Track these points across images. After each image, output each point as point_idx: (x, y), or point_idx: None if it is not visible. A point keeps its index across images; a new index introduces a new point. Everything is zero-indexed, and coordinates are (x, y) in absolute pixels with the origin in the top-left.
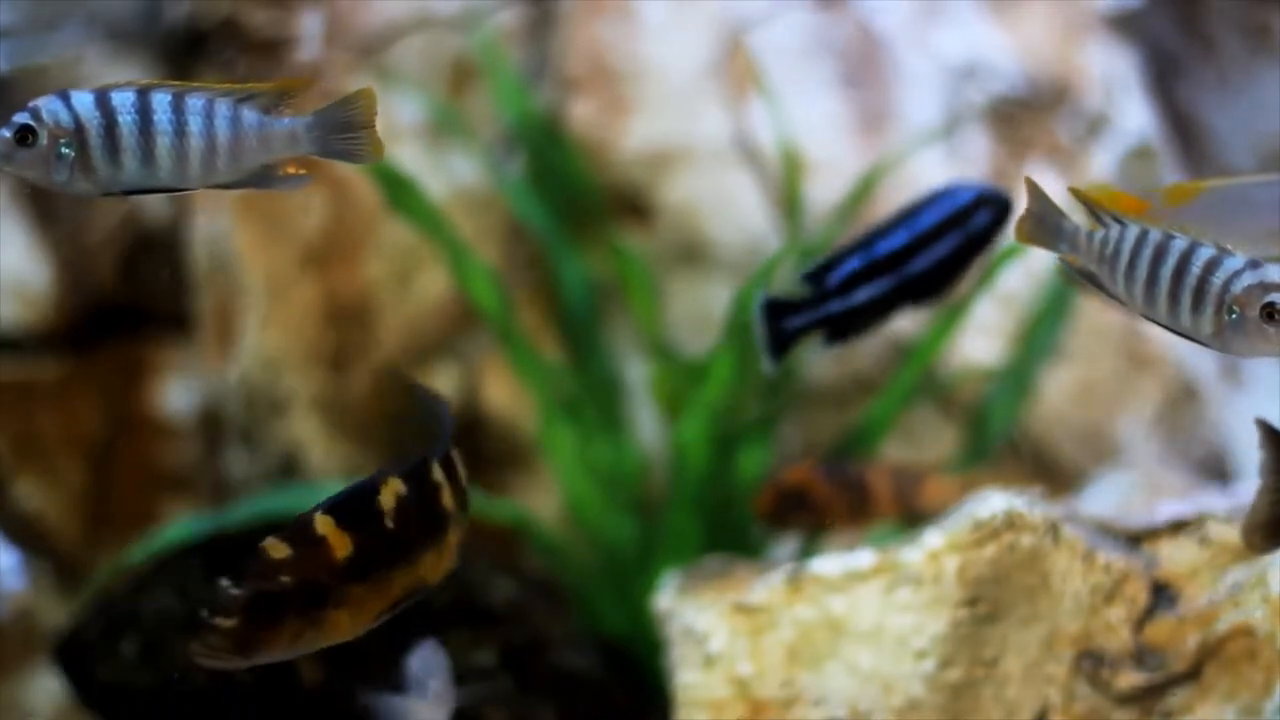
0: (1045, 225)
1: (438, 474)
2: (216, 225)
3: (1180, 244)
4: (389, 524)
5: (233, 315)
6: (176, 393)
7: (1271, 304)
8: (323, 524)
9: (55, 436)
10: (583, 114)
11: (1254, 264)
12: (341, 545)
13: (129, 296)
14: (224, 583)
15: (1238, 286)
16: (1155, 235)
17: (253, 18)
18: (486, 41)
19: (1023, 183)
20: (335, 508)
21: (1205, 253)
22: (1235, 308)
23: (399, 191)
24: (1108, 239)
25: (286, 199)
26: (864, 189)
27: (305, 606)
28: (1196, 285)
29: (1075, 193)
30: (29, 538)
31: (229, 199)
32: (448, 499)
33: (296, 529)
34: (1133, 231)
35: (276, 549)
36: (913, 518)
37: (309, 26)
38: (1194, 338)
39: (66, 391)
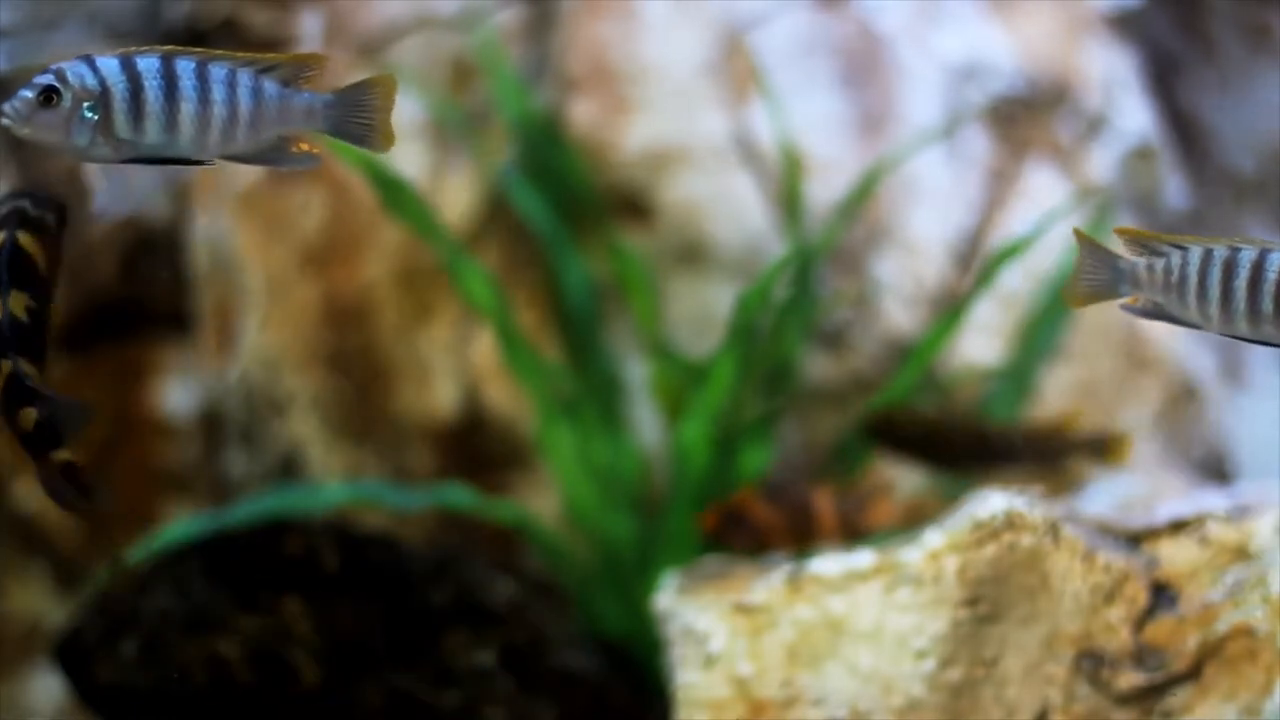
0: (1101, 276)
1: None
2: (216, 225)
3: (1249, 254)
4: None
5: (233, 315)
6: (176, 393)
7: None
8: None
9: None
10: (583, 114)
11: None
12: None
13: (129, 296)
14: None
15: None
16: (1220, 251)
17: (253, 18)
18: (486, 41)
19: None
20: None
21: (1277, 257)
22: None
23: (393, 193)
24: (1170, 266)
25: (286, 198)
26: (864, 189)
27: None
28: (1275, 291)
29: (1122, 232)
30: (29, 538)
31: (229, 199)
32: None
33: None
34: (1196, 253)
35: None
36: (858, 538)
37: (309, 26)
38: None
39: (66, 391)
